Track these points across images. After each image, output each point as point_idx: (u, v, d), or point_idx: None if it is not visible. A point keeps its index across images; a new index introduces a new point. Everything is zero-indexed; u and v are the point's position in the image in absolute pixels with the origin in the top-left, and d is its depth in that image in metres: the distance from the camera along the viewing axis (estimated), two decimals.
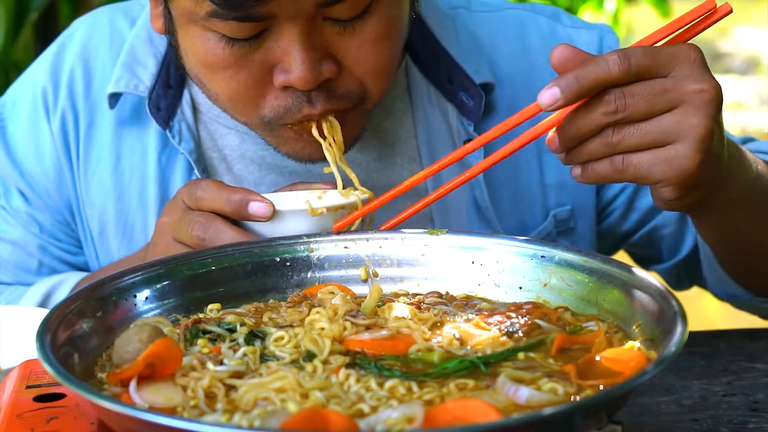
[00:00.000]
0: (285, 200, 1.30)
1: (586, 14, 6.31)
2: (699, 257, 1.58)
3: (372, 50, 1.32)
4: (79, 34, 1.59)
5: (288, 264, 1.20)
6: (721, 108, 1.13)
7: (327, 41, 1.30)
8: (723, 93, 1.12)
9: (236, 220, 1.25)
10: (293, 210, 1.23)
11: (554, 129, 1.14)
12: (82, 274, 1.57)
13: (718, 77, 1.24)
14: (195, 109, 1.53)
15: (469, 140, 1.49)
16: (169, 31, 1.38)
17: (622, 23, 6.51)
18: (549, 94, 1.10)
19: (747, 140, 1.59)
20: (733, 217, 1.31)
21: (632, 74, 1.10)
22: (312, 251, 1.21)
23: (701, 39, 1.17)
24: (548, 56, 1.55)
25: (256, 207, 1.22)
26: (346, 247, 1.21)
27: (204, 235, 1.23)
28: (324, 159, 1.38)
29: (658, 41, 1.15)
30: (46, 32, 3.58)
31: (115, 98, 1.51)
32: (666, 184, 1.12)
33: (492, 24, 1.58)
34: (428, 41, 1.52)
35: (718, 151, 1.14)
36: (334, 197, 1.30)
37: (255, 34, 1.28)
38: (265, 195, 1.30)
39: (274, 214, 1.22)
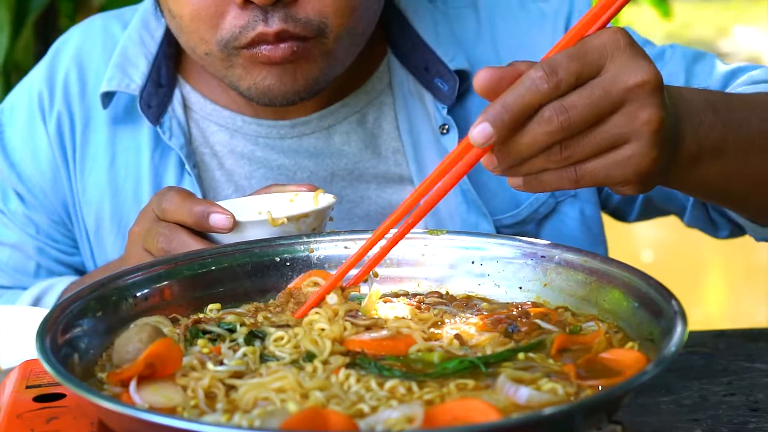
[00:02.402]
0: (255, 204, 1.32)
1: None
2: None
3: None
4: (73, 40, 1.64)
5: (288, 264, 1.20)
6: (662, 89, 1.03)
7: None
8: (660, 75, 1.03)
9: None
10: (254, 221, 1.24)
11: (489, 152, 1.02)
12: (72, 279, 1.59)
13: None
14: (187, 107, 1.56)
15: (444, 125, 1.51)
16: None
17: (622, 23, 6.52)
18: (480, 132, 0.98)
19: (738, 69, 1.53)
20: (707, 172, 1.19)
21: (564, 86, 1.00)
22: (312, 251, 1.21)
23: (701, 39, 1.16)
24: (517, 34, 1.59)
25: (216, 219, 1.23)
26: (346, 247, 1.21)
27: (168, 247, 1.24)
28: (289, 101, 1.41)
29: (581, 35, 1.03)
30: (46, 32, 3.58)
31: (107, 98, 1.54)
32: (625, 183, 1.05)
33: (467, 14, 1.61)
34: (407, 32, 1.55)
35: (669, 135, 1.07)
36: (306, 201, 1.31)
37: None
38: (235, 200, 1.33)
39: (234, 226, 1.23)
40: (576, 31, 1.03)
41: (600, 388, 0.94)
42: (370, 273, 1.17)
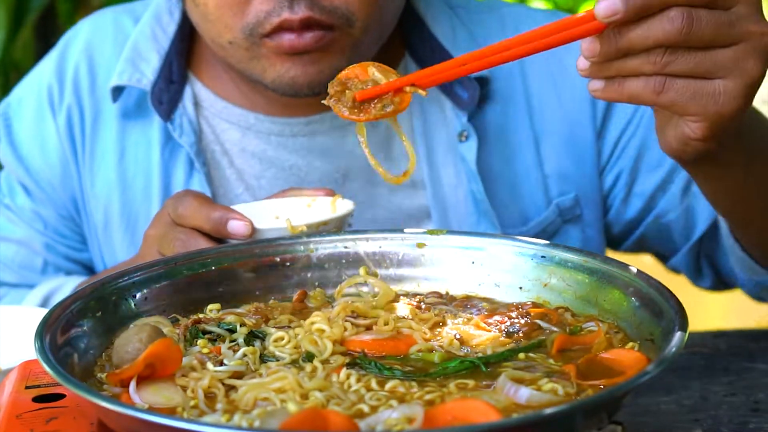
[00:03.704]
0: (273, 209, 1.32)
1: None
2: (715, 243, 1.56)
3: None
4: (83, 33, 1.62)
5: (288, 264, 1.20)
6: None
7: None
8: None
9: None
10: (272, 228, 1.24)
11: (593, 37, 1.01)
12: (81, 279, 1.58)
13: None
14: (197, 105, 1.55)
15: (463, 132, 1.50)
16: None
17: None
18: (609, 5, 0.98)
19: None
20: (739, 178, 1.24)
21: (701, 0, 1.01)
22: (312, 251, 1.21)
23: None
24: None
25: (235, 225, 1.23)
26: (346, 247, 1.21)
27: None
28: (314, 91, 1.40)
29: None
30: (46, 32, 3.58)
31: (117, 92, 1.53)
32: (699, 119, 1.06)
33: (489, 21, 1.61)
34: (426, 37, 1.55)
35: (751, 102, 1.09)
36: (323, 206, 1.31)
37: None
38: (252, 203, 1.33)
39: (253, 232, 1.23)
40: None
41: (600, 388, 0.94)
42: (370, 273, 1.18)
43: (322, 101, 1.15)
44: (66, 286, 1.56)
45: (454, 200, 1.52)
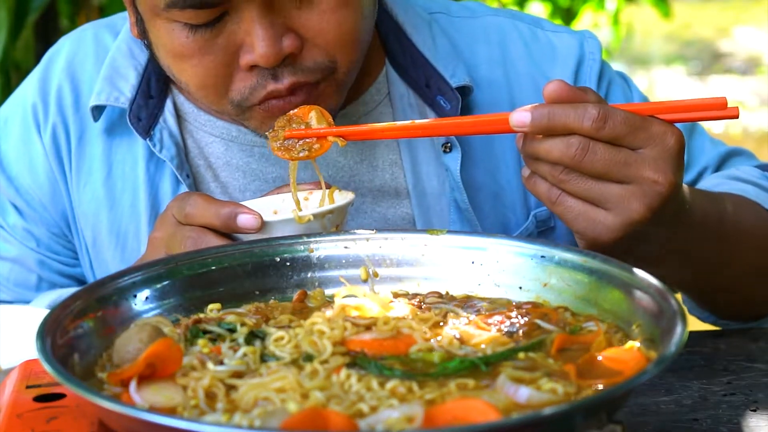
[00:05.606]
0: (273, 204, 1.33)
1: (587, 14, 6.32)
2: None
3: (332, 20, 1.34)
4: (64, 50, 1.61)
5: (288, 264, 1.20)
6: (667, 201, 1.16)
7: (286, 17, 1.32)
8: (676, 189, 1.16)
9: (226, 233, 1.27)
10: (281, 220, 1.26)
11: (522, 135, 1.19)
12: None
13: (718, 77, 1.25)
14: (180, 117, 1.54)
15: (447, 143, 1.50)
16: (142, 31, 1.42)
17: (622, 23, 6.52)
18: (520, 118, 1.16)
19: (733, 152, 1.59)
20: (666, 267, 1.31)
21: (603, 136, 1.14)
22: (312, 251, 1.21)
23: (701, 39, 1.17)
24: (528, 60, 1.58)
25: (244, 219, 1.24)
26: (346, 247, 1.21)
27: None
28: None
29: (654, 113, 1.16)
30: (47, 32, 3.59)
31: (98, 111, 1.53)
32: (581, 237, 1.19)
33: (471, 29, 1.59)
34: (406, 46, 1.54)
35: (646, 231, 1.18)
36: (320, 199, 1.31)
37: (215, 18, 1.31)
38: (253, 200, 1.34)
39: (262, 226, 1.24)
40: (659, 108, 1.17)
41: (600, 388, 0.94)
42: (370, 273, 1.18)
43: (266, 132, 1.32)
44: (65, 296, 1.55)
45: (437, 209, 1.52)
